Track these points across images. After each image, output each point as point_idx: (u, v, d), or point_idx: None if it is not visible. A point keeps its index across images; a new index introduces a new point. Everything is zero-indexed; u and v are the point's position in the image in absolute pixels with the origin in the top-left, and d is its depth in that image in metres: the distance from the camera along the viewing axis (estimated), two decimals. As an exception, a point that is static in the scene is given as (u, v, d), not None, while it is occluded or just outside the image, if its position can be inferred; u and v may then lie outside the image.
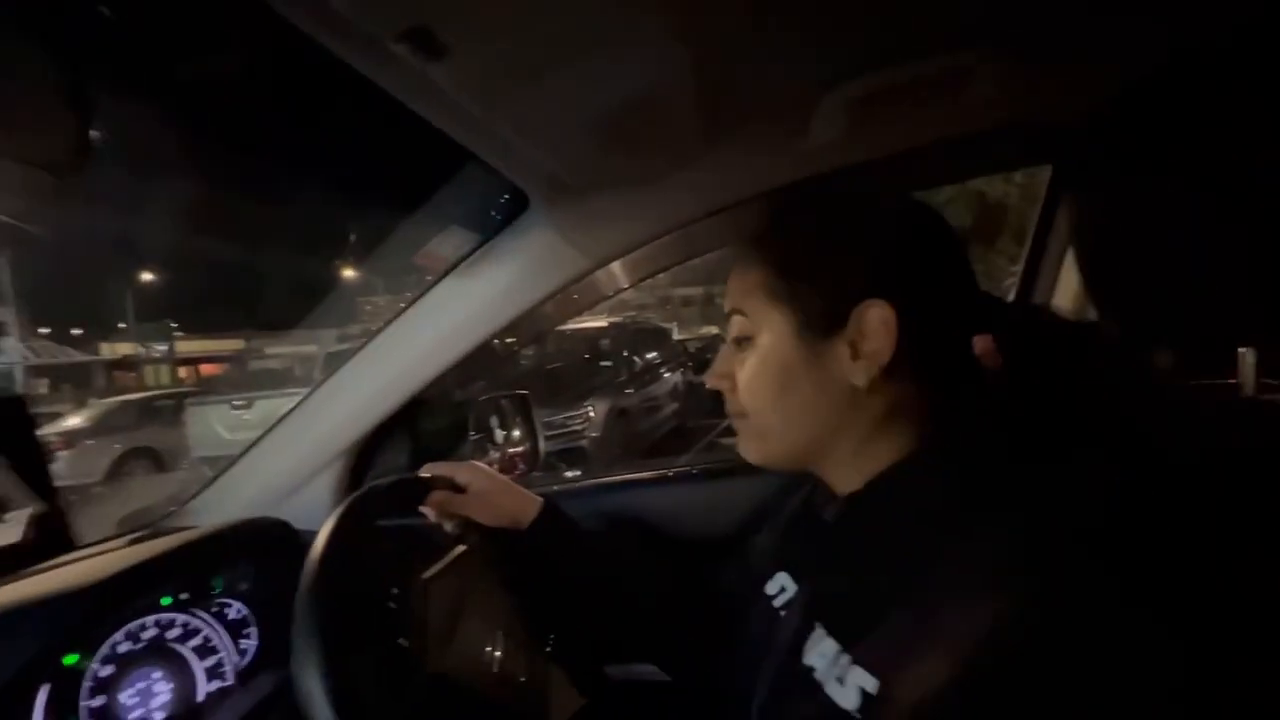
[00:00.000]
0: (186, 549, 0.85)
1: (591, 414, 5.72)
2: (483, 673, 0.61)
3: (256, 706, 0.78)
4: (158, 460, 7.92)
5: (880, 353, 0.48)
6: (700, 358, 9.78)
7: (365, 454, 1.05)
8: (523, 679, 0.65)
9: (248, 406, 7.09)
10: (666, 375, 7.59)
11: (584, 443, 5.57)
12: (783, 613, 0.55)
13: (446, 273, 0.95)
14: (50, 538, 0.80)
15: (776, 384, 0.51)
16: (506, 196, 0.93)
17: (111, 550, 0.86)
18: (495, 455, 1.15)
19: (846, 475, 0.52)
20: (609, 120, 0.63)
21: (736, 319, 0.54)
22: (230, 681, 0.83)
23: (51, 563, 0.80)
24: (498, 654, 0.64)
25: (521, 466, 1.18)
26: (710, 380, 0.58)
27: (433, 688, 0.56)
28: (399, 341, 0.99)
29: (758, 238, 0.55)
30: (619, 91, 0.57)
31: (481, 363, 1.19)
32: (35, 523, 0.80)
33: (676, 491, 1.16)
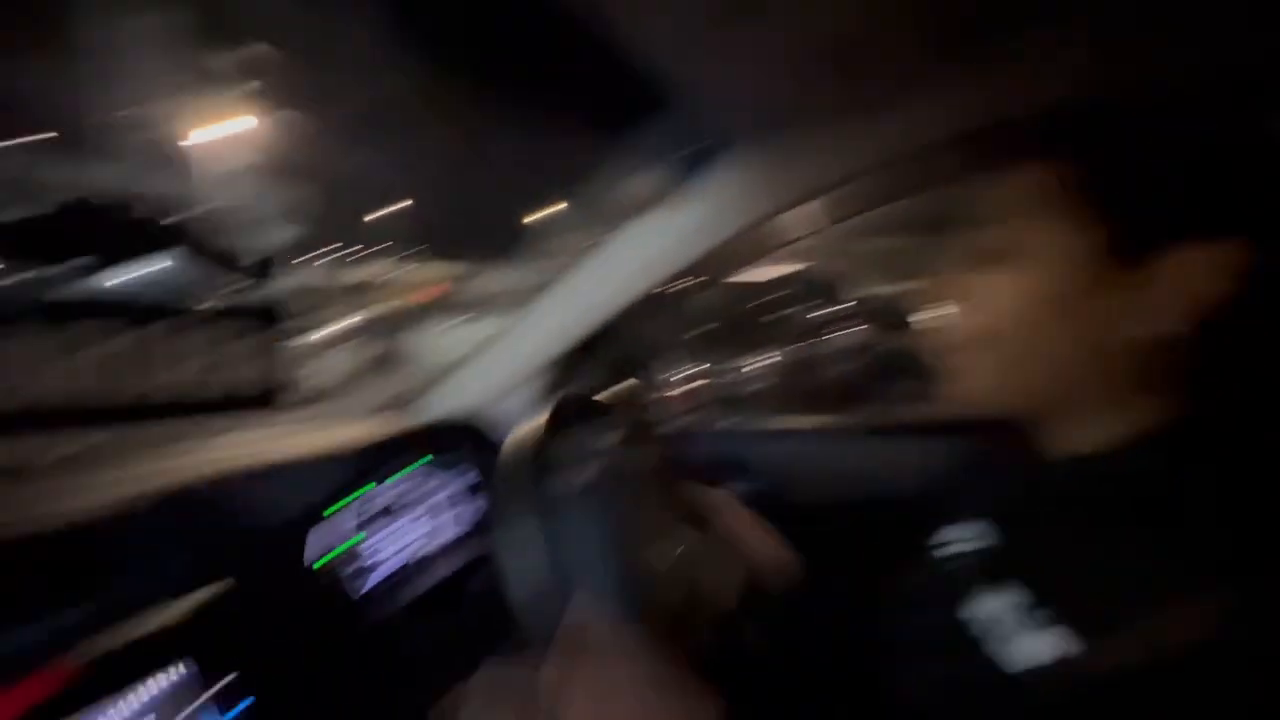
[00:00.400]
0: (424, 430, 1.06)
1: (760, 365, 5.68)
2: (652, 560, 0.69)
3: (475, 559, 0.95)
4: (390, 365, 9.54)
5: (1193, 302, 0.40)
6: (888, 316, 9.07)
7: (557, 374, 1.18)
8: (694, 577, 0.71)
9: (459, 328, 8.16)
10: (845, 332, 7.22)
11: (749, 393, 5.57)
12: (953, 565, 0.53)
13: (641, 210, 1.00)
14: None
15: (1043, 314, 0.45)
16: (705, 132, 0.93)
17: (371, 424, 1.09)
18: (666, 392, 1.23)
19: (1090, 432, 0.47)
20: (825, 39, 0.60)
21: (996, 232, 0.48)
22: (459, 536, 1.03)
23: (336, 424, 1.05)
24: (651, 540, 0.71)
25: (690, 405, 1.25)
26: (947, 299, 0.52)
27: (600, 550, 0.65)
28: (593, 275, 1.08)
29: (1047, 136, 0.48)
30: (839, 5, 0.55)
31: (661, 302, 1.26)
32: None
33: (844, 445, 1.15)
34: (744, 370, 5.58)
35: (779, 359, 5.79)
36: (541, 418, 0.69)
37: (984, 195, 0.50)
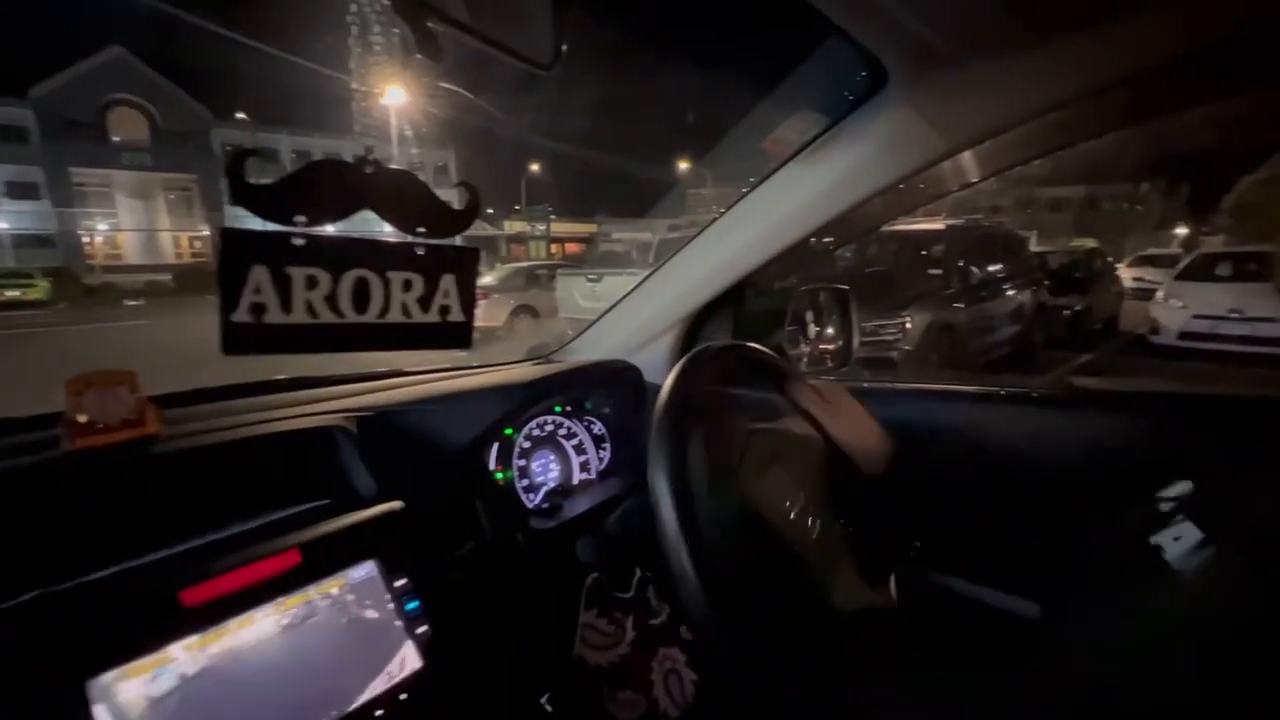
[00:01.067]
0: (573, 373, 1.14)
1: (909, 325, 5.28)
2: (780, 513, 0.71)
3: (610, 499, 1.02)
4: (535, 315, 10.16)
5: None
6: (1063, 276, 8.01)
7: (697, 324, 1.20)
8: (814, 536, 0.73)
9: (598, 280, 8.44)
10: (1011, 292, 6.45)
11: (894, 354, 5.23)
12: None
13: (791, 157, 0.97)
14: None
15: None
16: (863, 73, 0.88)
17: (526, 366, 1.20)
18: (806, 348, 1.21)
19: None
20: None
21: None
22: (593, 476, 1.11)
23: (495, 365, 1.17)
24: (796, 506, 0.73)
25: (830, 363, 1.21)
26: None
27: (740, 505, 0.68)
28: (738, 223, 1.07)
29: None
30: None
31: (804, 255, 1.22)
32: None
33: (1002, 411, 1.07)
34: (897, 328, 5.25)
35: (937, 317, 5.37)
36: (689, 367, 0.72)
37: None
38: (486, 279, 11.22)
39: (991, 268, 6.39)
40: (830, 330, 1.24)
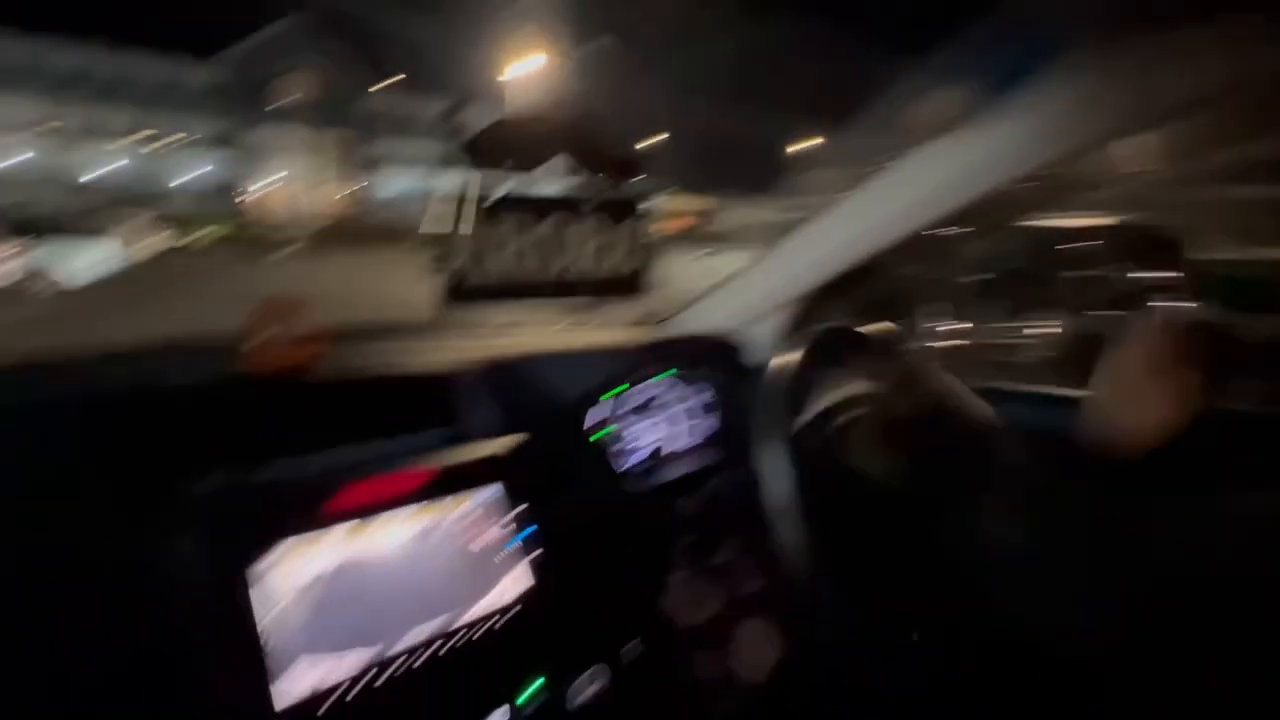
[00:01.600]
0: (682, 341, 1.18)
1: (1047, 330, 4.78)
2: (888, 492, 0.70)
3: (711, 465, 1.05)
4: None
5: None
6: (1240, 291, 6.84)
7: (810, 306, 1.18)
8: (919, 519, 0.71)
9: (702, 259, 8.41)
10: (1177, 304, 5.63)
11: (1027, 360, 4.77)
12: None
13: (935, 134, 0.92)
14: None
15: None
16: (1027, 44, 0.82)
17: (638, 330, 1.24)
18: (923, 342, 1.16)
19: None
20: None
21: None
22: (691, 445, 1.14)
23: (610, 328, 1.22)
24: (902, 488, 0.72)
25: (952, 358, 1.15)
26: None
27: (847, 481, 0.68)
28: (868, 203, 1.03)
29: None
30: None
31: (934, 243, 1.15)
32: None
33: None
34: (1029, 331, 4.77)
35: (1076, 324, 4.82)
36: (802, 347, 0.73)
37: None
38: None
39: (1155, 274, 5.60)
40: (949, 326, 1.18)
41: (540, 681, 0.72)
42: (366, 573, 0.64)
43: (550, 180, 0.63)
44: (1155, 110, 0.74)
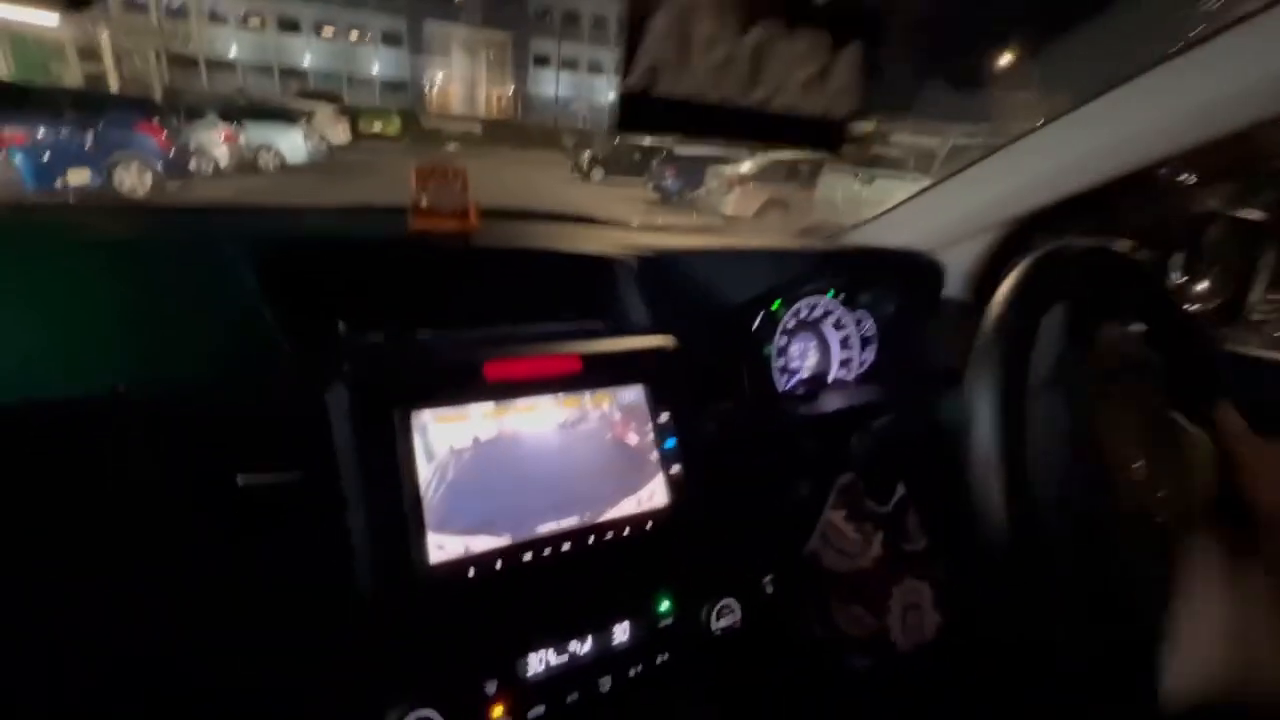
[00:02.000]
0: (858, 255, 1.02)
1: None
2: (1122, 467, 0.55)
3: (863, 406, 0.92)
4: (786, 210, 9.68)
5: None
6: None
7: (1024, 232, 0.97)
8: (1161, 495, 0.56)
9: (868, 183, 7.66)
10: None
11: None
12: None
13: (1186, 47, 0.71)
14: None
15: None
16: None
17: (807, 243, 1.10)
18: (1191, 285, 0.91)
19: None
20: None
21: None
22: (850, 377, 1.01)
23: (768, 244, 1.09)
24: (1140, 467, 0.56)
25: (1214, 317, 0.90)
26: None
27: (1075, 446, 0.53)
28: (1106, 116, 0.82)
29: None
30: None
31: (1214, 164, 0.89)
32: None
33: None
34: None
35: None
36: (1042, 264, 0.56)
37: None
38: (744, 166, 10.86)
39: None
40: (1219, 274, 0.92)
41: (668, 603, 0.69)
42: (511, 450, 0.63)
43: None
44: None
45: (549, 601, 0.63)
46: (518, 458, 0.63)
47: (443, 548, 0.57)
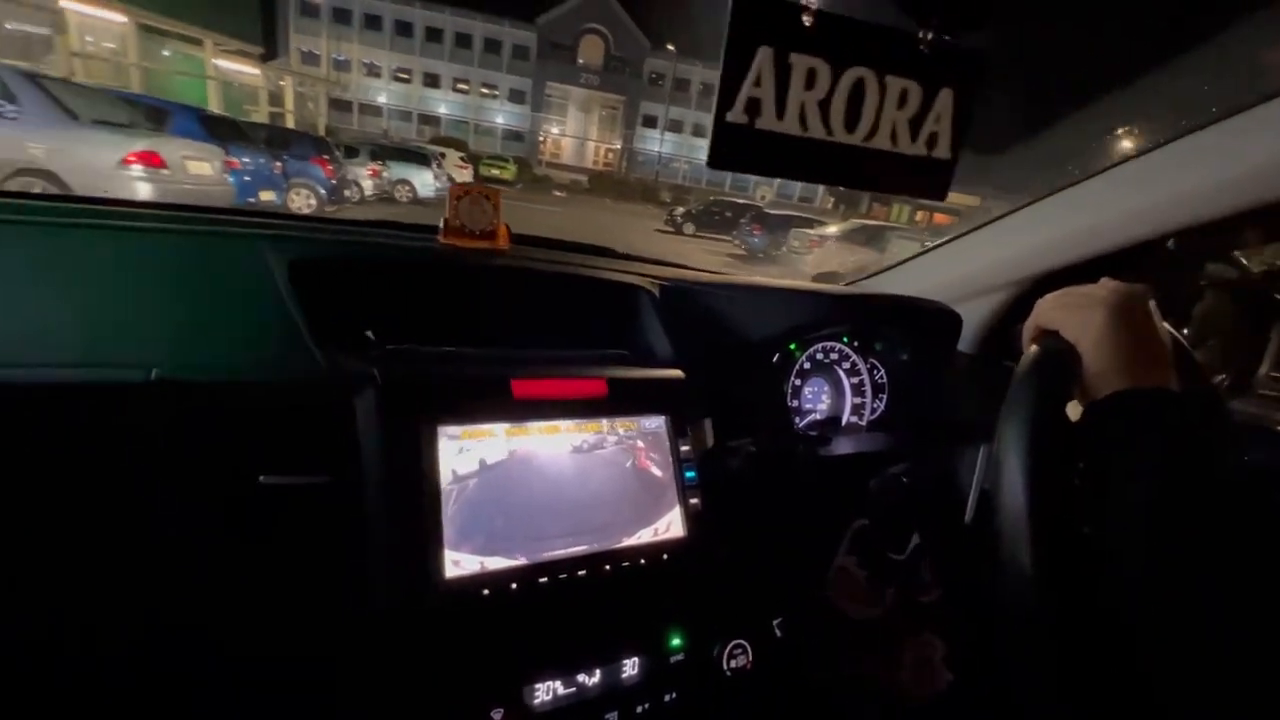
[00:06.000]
0: (875, 301, 1.01)
1: None
2: None
3: (872, 454, 0.90)
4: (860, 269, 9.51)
5: None
6: None
7: (1038, 291, 0.95)
8: None
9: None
10: None
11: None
12: None
13: (1240, 110, 0.69)
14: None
15: None
16: None
17: (824, 286, 1.11)
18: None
19: None
20: None
21: None
22: (862, 423, 1.00)
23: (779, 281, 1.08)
24: None
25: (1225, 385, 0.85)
26: None
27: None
28: (1134, 181, 0.80)
29: None
30: None
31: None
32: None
33: None
34: None
35: None
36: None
37: None
38: (831, 229, 10.84)
39: None
40: (1230, 346, 0.87)
41: (679, 639, 0.66)
42: (532, 470, 0.61)
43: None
44: None
45: (560, 628, 0.60)
46: (538, 479, 0.61)
47: (459, 564, 0.55)
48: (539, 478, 0.61)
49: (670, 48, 32.62)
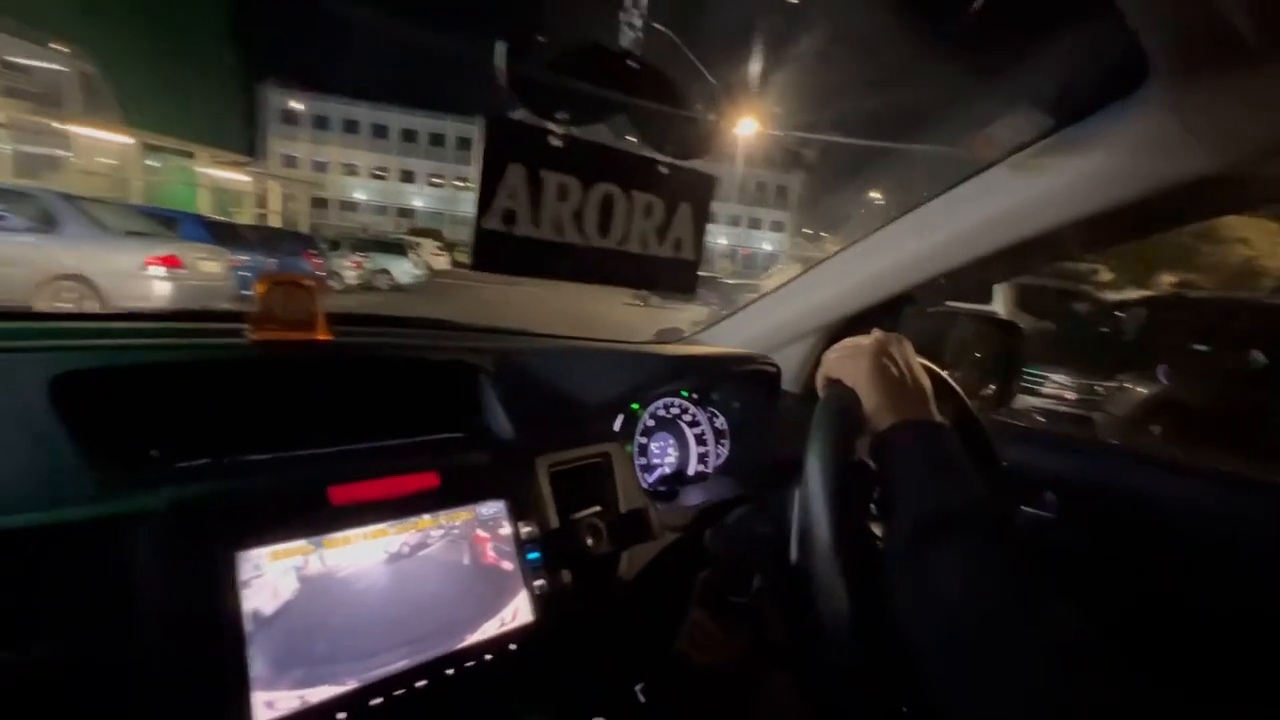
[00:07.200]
0: (707, 357, 1.06)
1: (1124, 389, 4.49)
2: None
3: (721, 501, 0.93)
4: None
5: None
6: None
7: (842, 333, 1.04)
8: None
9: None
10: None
11: (1094, 416, 4.50)
12: None
13: (998, 160, 0.81)
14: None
15: None
16: (1114, 66, 0.71)
17: (660, 344, 1.15)
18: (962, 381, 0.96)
19: None
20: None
21: None
22: (709, 470, 1.03)
23: (630, 341, 1.11)
24: None
25: (987, 403, 0.95)
26: None
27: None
28: (915, 229, 0.92)
29: None
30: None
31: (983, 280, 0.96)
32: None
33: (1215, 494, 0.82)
34: (1085, 395, 4.41)
35: (1153, 395, 4.31)
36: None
37: None
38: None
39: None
40: (990, 367, 0.97)
41: None
42: (357, 581, 0.56)
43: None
44: (1234, 153, 0.61)
45: None
46: (365, 591, 0.56)
47: (273, 705, 0.48)
48: (366, 589, 0.56)
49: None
